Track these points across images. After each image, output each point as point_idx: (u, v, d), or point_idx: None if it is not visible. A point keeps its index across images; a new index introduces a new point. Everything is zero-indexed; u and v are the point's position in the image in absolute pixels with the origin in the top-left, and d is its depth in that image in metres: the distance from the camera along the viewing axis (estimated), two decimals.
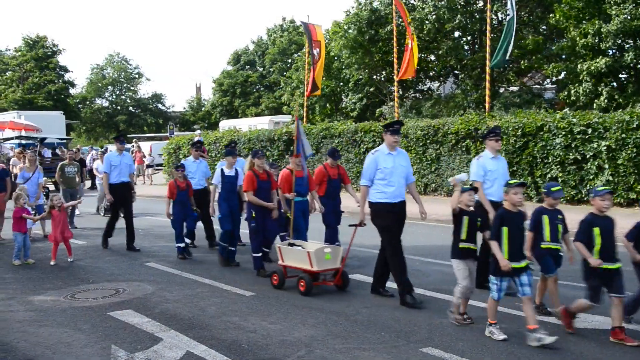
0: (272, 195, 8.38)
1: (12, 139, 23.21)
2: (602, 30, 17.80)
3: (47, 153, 22.20)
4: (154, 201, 19.11)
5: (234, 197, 9.13)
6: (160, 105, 62.03)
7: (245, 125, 33.30)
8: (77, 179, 13.52)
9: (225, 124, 38.29)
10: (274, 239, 8.83)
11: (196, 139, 18.42)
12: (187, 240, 10.24)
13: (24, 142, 22.68)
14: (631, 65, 18.58)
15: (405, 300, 6.63)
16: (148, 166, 27.87)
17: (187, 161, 10.56)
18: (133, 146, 29.18)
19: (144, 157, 28.16)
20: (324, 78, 27.60)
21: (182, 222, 9.67)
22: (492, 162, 7.18)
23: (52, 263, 9.33)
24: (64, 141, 26.28)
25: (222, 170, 9.13)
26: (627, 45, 18.41)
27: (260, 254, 8.38)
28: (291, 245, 7.77)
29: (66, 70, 55.04)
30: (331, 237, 8.94)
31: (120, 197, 10.43)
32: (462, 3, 23.94)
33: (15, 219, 9.51)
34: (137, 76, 60.92)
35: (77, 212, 14.41)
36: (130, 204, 10.62)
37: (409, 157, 7.29)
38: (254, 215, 8.16)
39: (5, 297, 7.46)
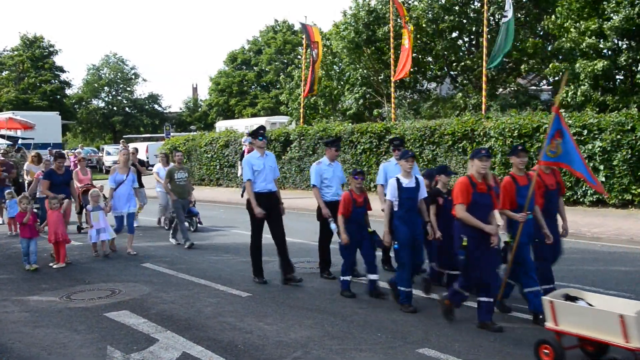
0: (492, 213, 6.00)
1: (3, 136, 22.75)
2: (604, 27, 17.83)
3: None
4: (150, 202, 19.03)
5: (415, 218, 6.68)
6: (156, 106, 61.94)
7: (242, 125, 33.28)
8: (189, 187, 11.34)
9: (221, 125, 38.25)
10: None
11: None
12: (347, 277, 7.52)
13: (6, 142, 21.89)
14: (627, 67, 18.66)
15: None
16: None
17: (321, 164, 8.13)
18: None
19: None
20: (323, 79, 27.65)
21: (356, 249, 7.21)
22: None
23: (54, 266, 9.18)
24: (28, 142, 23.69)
25: (397, 179, 6.67)
26: (624, 46, 18.48)
27: (490, 301, 5.87)
28: (571, 299, 5.12)
29: (62, 71, 54.90)
30: (544, 275, 6.27)
31: (266, 210, 7.79)
32: (458, 3, 24.00)
33: (20, 224, 9.21)
34: (133, 77, 60.80)
35: (136, 222, 11.73)
36: (280, 220, 8.01)
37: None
38: (465, 242, 5.83)
39: (0, 298, 7.43)
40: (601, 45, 18.39)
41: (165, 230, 12.79)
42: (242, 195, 18.42)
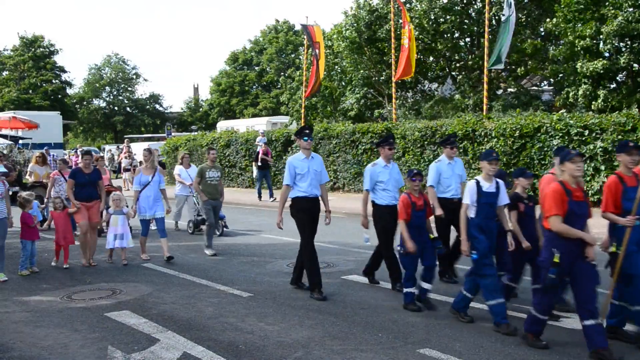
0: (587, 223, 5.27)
1: (6, 137, 22.66)
2: (601, 31, 17.85)
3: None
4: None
5: (492, 225, 6.08)
6: (157, 106, 62.01)
7: (243, 126, 33.27)
8: (221, 188, 10.45)
9: (222, 125, 38.25)
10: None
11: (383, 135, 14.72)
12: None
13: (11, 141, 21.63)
14: (628, 67, 18.64)
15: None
16: (125, 170, 24.48)
17: (376, 166, 7.50)
18: (120, 147, 27.35)
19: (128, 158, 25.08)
20: (324, 79, 27.63)
21: (418, 256, 6.64)
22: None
23: (53, 264, 9.21)
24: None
25: (477, 182, 6.06)
26: (624, 48, 18.47)
27: (598, 323, 5.08)
28: None
29: (63, 71, 55.01)
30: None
31: (312, 215, 7.30)
32: (459, 3, 24.00)
33: (23, 226, 8.87)
34: (134, 77, 60.87)
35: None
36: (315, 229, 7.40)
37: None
38: (557, 258, 5.06)
39: (1, 298, 7.43)
40: (601, 46, 18.36)
41: (189, 234, 12.42)
42: (259, 198, 18.31)
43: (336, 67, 29.14)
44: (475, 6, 24.67)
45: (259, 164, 18.45)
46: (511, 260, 6.32)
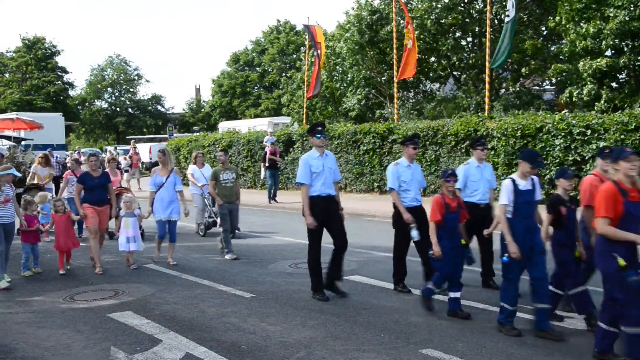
0: None
1: (9, 138, 22.63)
2: (603, 30, 17.83)
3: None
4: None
5: (532, 225, 5.74)
6: (159, 107, 62.10)
7: (245, 126, 33.28)
8: (237, 190, 10.12)
9: (224, 126, 38.27)
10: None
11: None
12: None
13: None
14: (630, 66, 18.61)
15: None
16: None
17: (399, 165, 7.34)
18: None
19: (137, 159, 24.92)
20: (325, 79, 27.65)
21: (452, 258, 6.32)
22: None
23: (61, 272, 8.83)
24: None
25: (513, 181, 5.75)
26: (625, 46, 18.45)
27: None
28: None
29: (65, 72, 55.11)
30: None
31: (325, 216, 7.08)
32: (461, 2, 24.01)
33: (21, 229, 8.65)
34: (136, 78, 60.99)
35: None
36: (342, 225, 7.22)
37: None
38: (622, 262, 4.72)
39: (4, 299, 7.44)
40: (603, 46, 18.33)
41: (200, 236, 12.08)
42: (269, 200, 17.79)
43: (337, 67, 29.16)
44: (477, 6, 24.67)
45: (267, 164, 18.03)
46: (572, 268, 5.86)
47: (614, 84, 19.60)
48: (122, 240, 9.10)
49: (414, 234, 6.88)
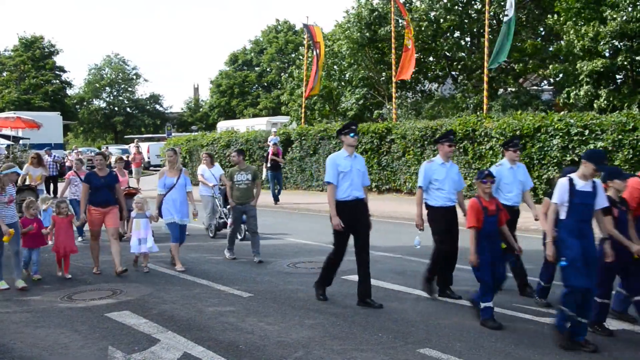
0: None
1: (8, 137, 22.50)
2: (600, 32, 17.85)
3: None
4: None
5: (588, 230, 5.37)
6: (157, 106, 62.04)
7: (243, 126, 33.28)
8: (252, 192, 9.77)
9: (223, 125, 38.26)
10: None
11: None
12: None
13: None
14: (628, 67, 18.64)
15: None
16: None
17: (432, 162, 7.09)
18: (131, 147, 27.63)
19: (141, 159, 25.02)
20: (324, 79, 27.63)
21: (492, 266, 5.92)
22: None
23: (60, 274, 8.61)
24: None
25: (570, 179, 5.34)
26: (622, 47, 18.46)
27: None
28: None
29: (63, 71, 55.01)
30: None
31: (352, 221, 6.75)
32: (459, 2, 24.01)
33: (23, 232, 8.26)
34: (134, 77, 60.91)
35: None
36: (367, 235, 6.87)
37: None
38: None
39: (1, 298, 7.44)
40: (600, 48, 18.34)
41: (210, 237, 11.86)
42: (275, 201, 17.34)
43: (335, 67, 29.15)
44: (475, 6, 24.68)
45: (269, 164, 17.65)
46: (602, 272, 5.52)
47: (611, 85, 19.59)
48: (134, 242, 8.87)
49: (416, 241, 6.71)
